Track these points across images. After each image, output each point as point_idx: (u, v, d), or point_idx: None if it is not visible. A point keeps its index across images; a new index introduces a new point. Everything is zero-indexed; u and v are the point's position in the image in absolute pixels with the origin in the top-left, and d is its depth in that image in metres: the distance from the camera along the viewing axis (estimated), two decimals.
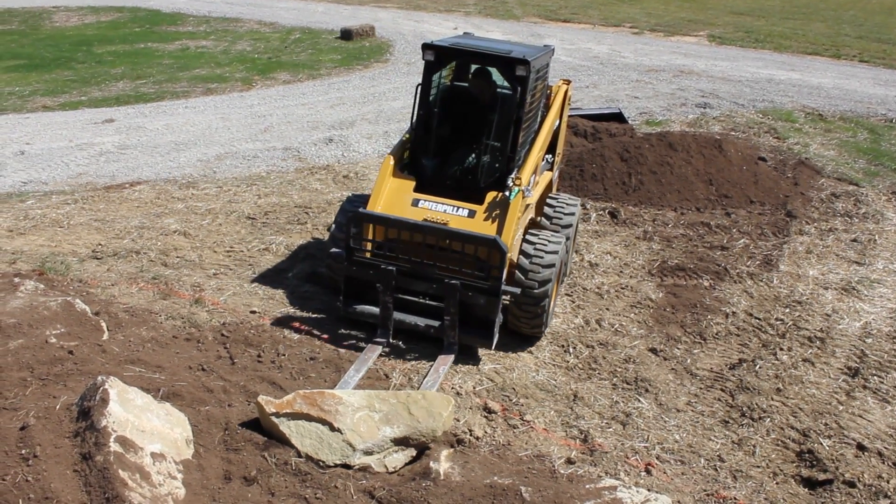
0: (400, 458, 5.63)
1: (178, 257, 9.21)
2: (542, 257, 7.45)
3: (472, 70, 8.57)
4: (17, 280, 7.69)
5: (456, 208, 7.59)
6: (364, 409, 5.65)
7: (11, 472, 4.57)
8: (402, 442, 5.65)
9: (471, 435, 6.19)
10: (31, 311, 6.83)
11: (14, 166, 12.77)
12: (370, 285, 7.48)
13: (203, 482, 5.06)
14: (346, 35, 24.89)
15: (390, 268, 7.25)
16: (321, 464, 5.40)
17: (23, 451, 4.72)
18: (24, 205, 10.85)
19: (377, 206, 7.62)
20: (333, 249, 7.57)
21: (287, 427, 5.48)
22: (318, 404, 5.56)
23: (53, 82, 19.20)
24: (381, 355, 7.32)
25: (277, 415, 5.50)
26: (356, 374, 6.81)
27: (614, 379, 7.37)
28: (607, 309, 8.64)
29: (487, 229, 7.42)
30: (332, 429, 5.50)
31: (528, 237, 7.69)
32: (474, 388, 7.01)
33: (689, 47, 25.41)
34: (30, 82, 19.21)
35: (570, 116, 13.85)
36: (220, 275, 8.85)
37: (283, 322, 7.78)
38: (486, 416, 6.58)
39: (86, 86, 18.87)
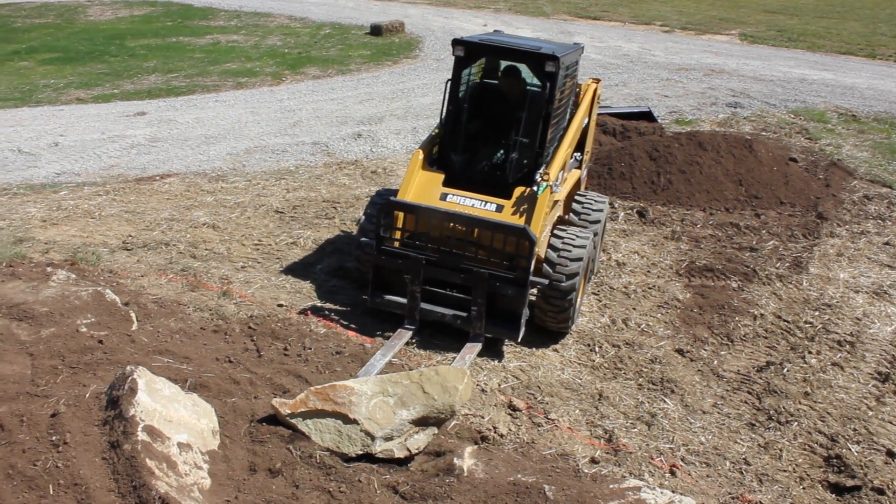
0: (422, 438, 5.61)
1: (206, 250, 9.30)
2: (569, 251, 7.48)
3: (501, 68, 8.57)
4: (49, 269, 7.80)
5: (484, 202, 7.61)
6: (378, 395, 5.62)
7: (42, 457, 4.64)
8: (420, 422, 5.62)
9: (495, 432, 6.19)
10: (62, 301, 6.93)
11: (48, 157, 12.96)
12: (398, 277, 7.55)
13: (228, 473, 5.11)
14: (376, 31, 24.93)
15: (419, 257, 7.31)
16: (344, 457, 5.43)
17: (53, 438, 4.80)
18: (57, 195, 11.00)
19: (406, 199, 7.67)
20: (363, 239, 7.67)
21: (305, 426, 5.50)
22: (331, 398, 5.55)
23: (87, 75, 19.44)
24: (407, 343, 7.36)
25: (293, 415, 5.52)
26: (382, 359, 6.84)
27: (640, 379, 7.34)
28: (634, 308, 8.60)
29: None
30: (349, 420, 5.49)
31: (555, 232, 7.71)
32: (499, 385, 7.01)
33: (721, 46, 25.17)
34: (64, 75, 19.47)
35: (599, 115, 13.79)
36: (247, 268, 8.92)
37: (309, 315, 7.83)
38: (510, 414, 6.58)
39: (118, 79, 19.09)
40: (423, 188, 7.77)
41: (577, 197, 8.85)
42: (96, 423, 4.96)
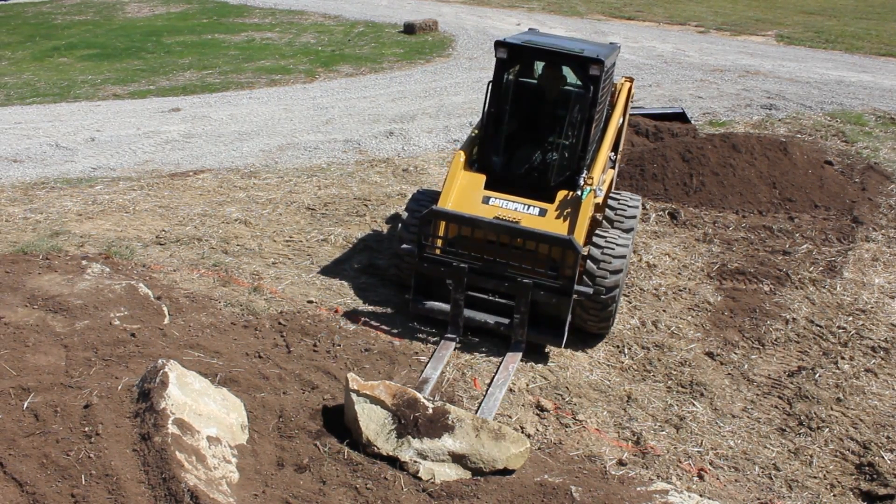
0: (451, 474, 5.44)
1: (238, 245, 9.38)
2: (609, 262, 7.34)
3: (541, 65, 8.45)
4: (84, 263, 7.94)
5: (527, 206, 7.54)
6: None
7: (75, 447, 4.72)
8: (459, 459, 5.48)
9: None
10: (96, 294, 7.03)
11: (85, 152, 13.15)
12: (440, 282, 7.49)
13: (256, 467, 5.15)
14: (409, 29, 24.98)
15: (462, 265, 7.25)
16: (374, 449, 5.44)
17: (86, 429, 4.88)
18: (92, 190, 11.16)
19: (448, 203, 7.60)
20: (404, 245, 7.57)
21: (360, 406, 5.58)
22: (396, 397, 5.63)
23: (124, 71, 19.70)
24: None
25: (358, 392, 5.62)
26: (434, 372, 6.80)
27: (669, 382, 7.28)
28: (664, 311, 8.53)
29: (559, 228, 7.37)
30: (397, 420, 5.56)
31: (595, 240, 7.58)
32: (528, 385, 7.00)
33: (756, 47, 24.87)
34: (102, 71, 19.74)
35: (632, 115, 13.71)
36: (278, 264, 8.98)
37: (339, 312, 7.86)
38: (538, 414, 6.56)
39: (154, 75, 19.32)
40: (465, 191, 7.71)
41: (610, 199, 8.65)
42: (128, 415, 5.04)
